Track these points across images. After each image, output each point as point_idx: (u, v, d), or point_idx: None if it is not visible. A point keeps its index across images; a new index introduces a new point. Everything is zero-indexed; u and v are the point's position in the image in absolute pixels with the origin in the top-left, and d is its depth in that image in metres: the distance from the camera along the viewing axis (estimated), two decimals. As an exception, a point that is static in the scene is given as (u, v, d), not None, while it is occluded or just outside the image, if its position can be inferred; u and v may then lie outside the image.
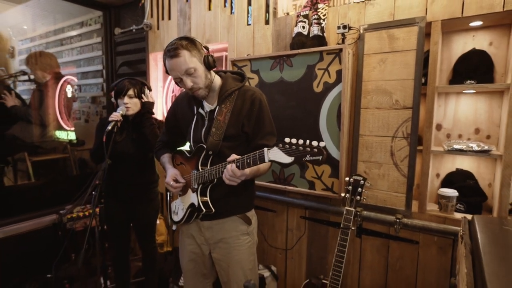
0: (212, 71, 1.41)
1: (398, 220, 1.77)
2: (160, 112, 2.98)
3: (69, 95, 3.92)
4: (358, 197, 1.65)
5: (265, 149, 1.14)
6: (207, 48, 1.38)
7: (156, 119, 2.12)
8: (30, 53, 3.23)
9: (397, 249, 1.85)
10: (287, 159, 1.09)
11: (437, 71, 1.69)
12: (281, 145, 1.09)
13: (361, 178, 1.66)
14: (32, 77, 3.49)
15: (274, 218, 2.26)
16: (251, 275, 1.49)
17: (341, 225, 1.64)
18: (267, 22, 2.18)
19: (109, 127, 1.81)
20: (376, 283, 1.93)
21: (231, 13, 2.35)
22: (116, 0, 3.04)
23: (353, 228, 1.65)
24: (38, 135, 3.20)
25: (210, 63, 1.35)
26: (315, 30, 1.87)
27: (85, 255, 2.69)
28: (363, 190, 1.65)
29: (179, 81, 1.34)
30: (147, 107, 2.06)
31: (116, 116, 1.87)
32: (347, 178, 1.69)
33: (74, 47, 4.02)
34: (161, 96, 2.99)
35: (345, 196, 1.69)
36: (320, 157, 1.05)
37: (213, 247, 1.49)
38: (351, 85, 1.85)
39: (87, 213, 2.68)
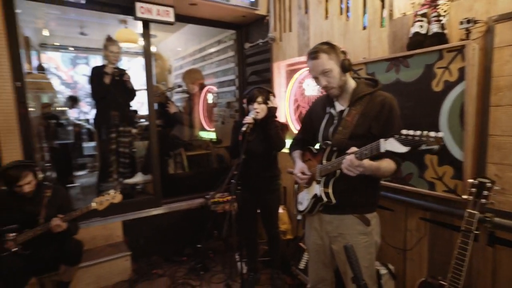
0: (348, 74, 1.57)
1: (542, 231, 1.58)
2: (282, 114, 3.34)
3: (210, 101, 4.73)
4: (483, 200, 1.56)
5: (381, 140, 1.23)
6: (344, 53, 1.55)
7: (279, 122, 2.47)
8: (185, 71, 4.07)
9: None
10: (402, 149, 1.15)
11: None
12: (397, 135, 1.17)
13: (488, 181, 1.56)
14: (185, 88, 4.42)
15: (392, 217, 2.28)
16: (366, 272, 1.57)
17: (462, 228, 1.59)
18: (382, 25, 2.22)
19: (244, 129, 2.23)
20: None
21: (347, 19, 2.48)
22: (246, 20, 3.55)
23: (476, 232, 1.57)
24: (189, 135, 4.04)
25: (346, 66, 1.52)
26: (434, 28, 1.83)
27: (225, 233, 3.30)
28: (490, 194, 1.55)
29: (316, 80, 1.57)
30: (272, 112, 2.42)
31: (249, 119, 2.29)
32: (471, 180, 1.62)
33: (213, 61, 4.84)
34: (284, 100, 3.34)
35: (467, 198, 1.62)
36: (436, 147, 1.09)
37: (333, 240, 1.66)
38: (477, 82, 1.74)
39: (225, 199, 3.27)
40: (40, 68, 4.98)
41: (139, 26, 4.75)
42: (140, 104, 5.32)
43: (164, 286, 2.72)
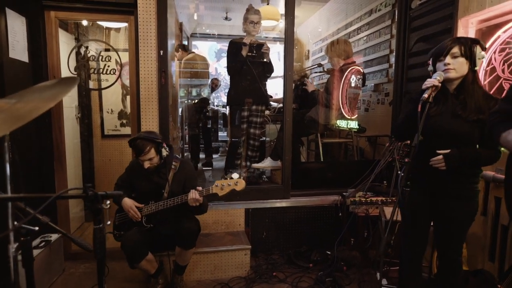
0: None
1: None
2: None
3: (353, 84, 3.99)
4: None
5: None
6: None
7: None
8: (329, 43, 3.48)
9: None
10: None
11: None
12: None
13: None
14: (325, 68, 3.83)
15: None
16: None
17: None
18: None
19: (425, 95, 1.46)
20: None
21: None
22: (418, -32, 2.67)
23: None
24: (327, 119, 3.42)
25: None
26: None
27: (363, 243, 2.56)
28: None
29: None
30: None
31: (432, 81, 1.50)
32: None
33: (361, 37, 4.07)
34: (470, 71, 2.33)
35: None
36: None
37: None
38: None
39: (368, 200, 2.52)
40: (178, 47, 5.21)
41: (280, 5, 4.50)
42: (274, 94, 5.05)
43: (285, 295, 2.21)
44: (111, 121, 3.61)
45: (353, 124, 3.67)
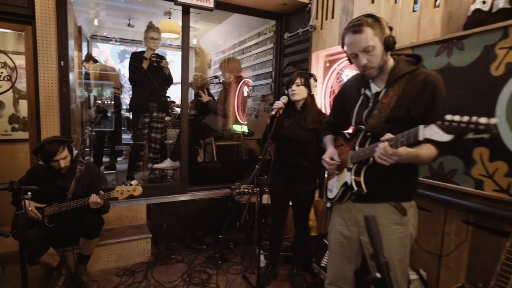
0: (388, 53, 1.39)
1: None
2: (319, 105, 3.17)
3: (245, 94, 4.68)
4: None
5: (420, 126, 1.07)
6: (391, 29, 1.36)
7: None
8: (223, 59, 4.05)
9: None
10: (444, 137, 0.98)
11: None
12: (439, 122, 1.00)
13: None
14: (221, 79, 4.41)
15: (428, 218, 2.04)
16: (399, 266, 1.42)
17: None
18: (436, 5, 2.00)
19: (273, 112, 2.14)
20: None
21: (396, 2, 2.28)
22: (287, 9, 3.46)
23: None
24: (221, 125, 4.00)
25: (389, 45, 1.33)
26: (500, 3, 1.60)
27: (243, 222, 3.22)
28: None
29: (353, 57, 1.39)
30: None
31: (278, 104, 2.18)
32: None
33: (252, 54, 4.79)
34: (321, 91, 3.18)
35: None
36: (486, 135, 0.90)
37: (362, 230, 1.50)
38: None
39: (250, 190, 3.17)
40: (89, 58, 5.19)
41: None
42: (179, 98, 5.39)
43: (180, 272, 2.67)
44: (0, 126, 3.49)
45: (245, 128, 4.35)
